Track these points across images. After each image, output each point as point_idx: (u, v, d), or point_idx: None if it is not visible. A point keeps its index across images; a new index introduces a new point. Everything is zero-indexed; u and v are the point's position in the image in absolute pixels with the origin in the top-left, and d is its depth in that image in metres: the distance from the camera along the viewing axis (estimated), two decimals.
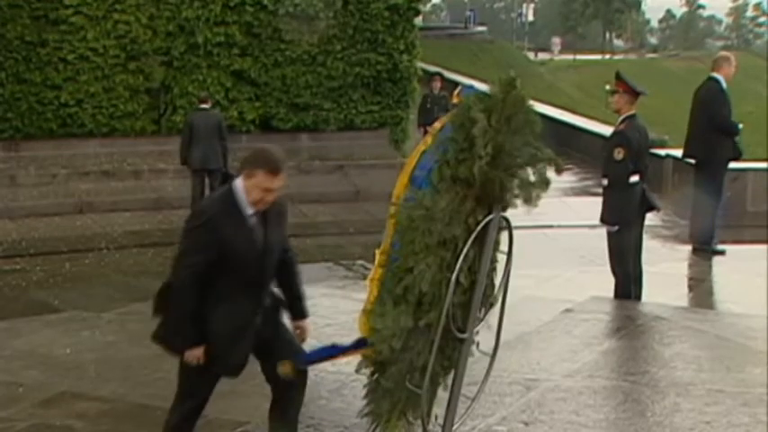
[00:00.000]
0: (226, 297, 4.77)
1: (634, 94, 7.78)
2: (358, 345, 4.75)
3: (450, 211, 4.57)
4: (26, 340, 8.46)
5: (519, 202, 4.60)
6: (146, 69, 16.35)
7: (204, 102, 13.97)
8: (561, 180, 16.81)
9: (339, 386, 6.52)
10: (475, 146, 4.40)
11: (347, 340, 5.10)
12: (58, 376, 7.10)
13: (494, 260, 4.75)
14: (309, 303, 6.46)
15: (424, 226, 4.60)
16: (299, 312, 5.13)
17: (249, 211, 4.65)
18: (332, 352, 4.95)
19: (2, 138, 15.63)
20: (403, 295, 4.63)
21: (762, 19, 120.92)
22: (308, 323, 5.19)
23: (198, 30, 16.40)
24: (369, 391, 4.89)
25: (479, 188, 4.49)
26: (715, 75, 10.29)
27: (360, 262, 11.55)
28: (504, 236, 4.79)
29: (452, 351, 4.77)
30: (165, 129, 16.54)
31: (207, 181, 12.65)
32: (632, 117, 7.80)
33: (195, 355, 4.78)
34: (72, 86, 15.75)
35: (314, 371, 6.79)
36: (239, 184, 4.68)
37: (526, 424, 5.96)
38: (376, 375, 4.84)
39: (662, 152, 13.89)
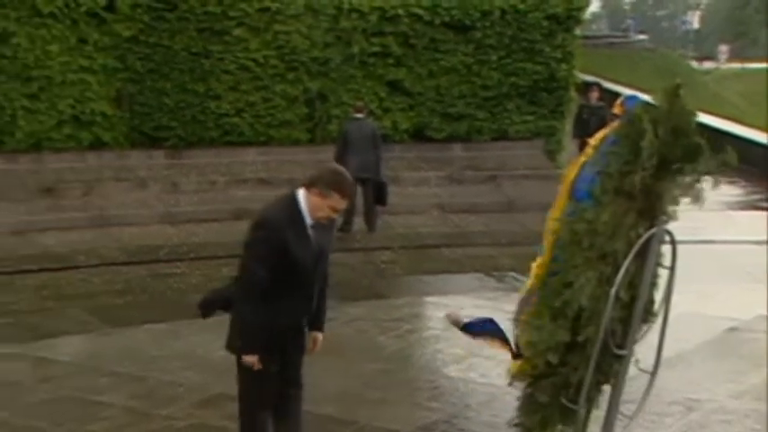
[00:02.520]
0: (281, 297, 5.02)
1: None
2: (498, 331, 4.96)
3: (613, 224, 4.51)
4: (185, 342, 8.69)
5: (683, 204, 4.43)
6: (303, 79, 16.39)
7: (359, 111, 13.98)
8: (726, 194, 16.95)
9: (489, 399, 6.46)
10: (641, 157, 4.33)
11: (495, 353, 5.16)
12: (214, 377, 7.25)
13: (655, 275, 4.62)
14: (461, 313, 6.44)
15: (587, 240, 4.57)
16: (317, 324, 5.37)
17: (309, 221, 4.95)
18: (487, 327, 5.10)
19: (166, 146, 16.06)
20: (561, 309, 4.61)
21: None
22: (320, 337, 5.43)
23: (354, 40, 16.53)
24: (522, 403, 4.95)
25: (642, 201, 4.40)
26: None
27: (511, 273, 11.36)
28: (666, 250, 4.67)
29: (609, 367, 4.71)
30: (320, 138, 16.58)
31: (360, 189, 12.74)
32: None
33: (252, 360, 5.02)
34: (232, 96, 15.99)
35: (465, 382, 7.02)
36: (303, 195, 4.95)
37: None
38: (530, 389, 4.86)
39: None
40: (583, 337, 4.60)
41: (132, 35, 15.52)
